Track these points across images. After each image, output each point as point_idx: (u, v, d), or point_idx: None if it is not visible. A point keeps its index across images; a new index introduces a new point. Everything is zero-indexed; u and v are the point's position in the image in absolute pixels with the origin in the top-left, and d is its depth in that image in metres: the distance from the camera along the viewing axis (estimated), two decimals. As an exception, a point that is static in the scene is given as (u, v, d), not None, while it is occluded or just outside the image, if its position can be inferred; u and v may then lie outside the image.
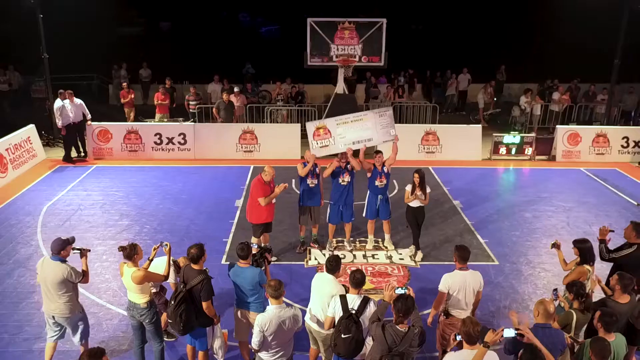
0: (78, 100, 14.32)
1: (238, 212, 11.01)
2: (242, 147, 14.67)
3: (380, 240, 9.74)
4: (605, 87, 17.60)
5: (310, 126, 9.45)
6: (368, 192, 9.32)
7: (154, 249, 6.00)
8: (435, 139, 14.83)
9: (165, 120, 16.00)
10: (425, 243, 9.66)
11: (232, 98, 16.35)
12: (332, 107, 14.40)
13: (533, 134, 14.95)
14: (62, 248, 5.96)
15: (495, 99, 19.04)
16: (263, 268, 6.14)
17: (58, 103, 13.88)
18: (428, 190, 8.94)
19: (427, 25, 47.63)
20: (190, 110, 16.63)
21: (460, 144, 14.86)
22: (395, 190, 12.21)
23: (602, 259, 6.66)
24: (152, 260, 5.99)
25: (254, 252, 6.16)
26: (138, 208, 11.25)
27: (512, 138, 14.87)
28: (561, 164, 14.72)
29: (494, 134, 14.97)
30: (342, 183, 9.02)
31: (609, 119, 16.91)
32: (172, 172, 13.53)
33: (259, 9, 54.99)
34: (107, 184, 12.68)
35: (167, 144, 14.60)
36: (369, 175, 9.20)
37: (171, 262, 6.19)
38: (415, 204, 8.91)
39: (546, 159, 15.01)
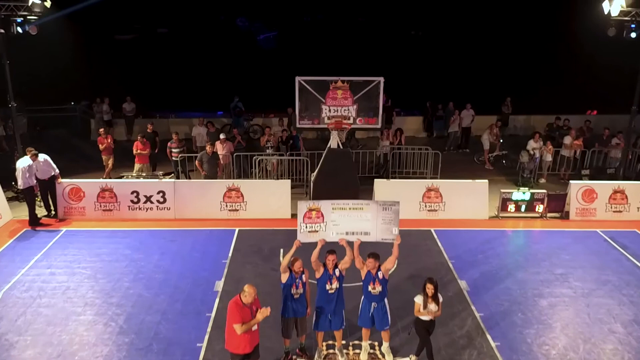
0: (42, 157, 13.06)
1: (217, 301, 9.77)
2: (226, 206, 13.43)
3: (376, 344, 8.50)
4: (621, 131, 16.41)
5: (302, 206, 8.21)
6: (362, 296, 8.08)
7: None
8: (437, 196, 13.59)
9: (144, 173, 14.75)
10: (428, 350, 8.41)
11: (218, 146, 15.16)
12: (325, 163, 13.17)
13: (544, 191, 13.70)
14: None
15: (501, 140, 17.79)
16: None
17: (24, 162, 12.63)
18: (441, 299, 7.73)
19: (427, 31, 46.51)
20: (173, 158, 15.41)
21: (465, 201, 13.62)
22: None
23: None
24: None
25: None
26: (105, 294, 10.00)
27: (521, 195, 13.63)
28: (575, 224, 13.48)
29: (502, 190, 13.73)
30: (329, 291, 7.77)
31: (626, 166, 15.69)
32: (149, 239, 12.29)
33: (257, 13, 53.89)
34: (74, 256, 11.43)
35: (145, 202, 13.37)
36: (362, 275, 7.97)
37: None
38: (428, 317, 7.69)
39: (559, 216, 13.79)
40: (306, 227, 8.01)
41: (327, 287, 7.74)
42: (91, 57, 33.10)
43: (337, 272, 7.75)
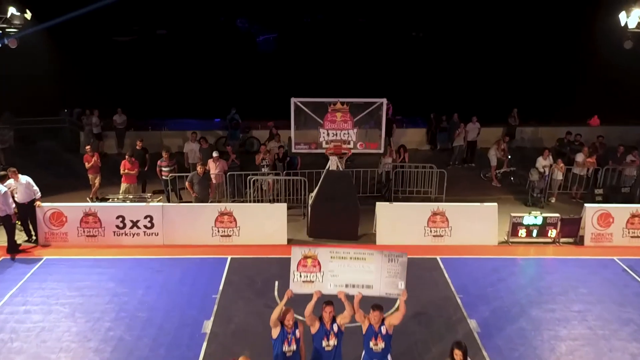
0: (24, 179, 12.24)
1: (204, 345, 8.93)
2: (218, 231, 12.59)
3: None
4: (636, 147, 15.56)
5: (297, 252, 7.35)
6: (363, 352, 7.24)
7: None
8: (443, 220, 12.74)
9: (131, 194, 13.92)
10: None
11: (210, 164, 14.34)
12: (324, 186, 12.32)
13: (557, 215, 12.84)
14: None
15: (509, 156, 16.93)
16: None
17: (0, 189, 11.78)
18: None
19: (428, 33, 45.58)
20: (163, 177, 14.56)
21: (473, 225, 12.76)
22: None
23: None
24: None
25: None
26: (83, 337, 9.16)
27: (533, 219, 12.78)
28: (591, 250, 12.63)
29: (512, 214, 12.87)
30: (326, 348, 6.92)
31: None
32: (134, 270, 11.45)
33: (257, 14, 53.12)
34: (52, 290, 10.59)
35: (132, 227, 12.53)
36: (363, 329, 7.13)
37: None
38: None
39: (573, 242, 12.94)
40: (300, 276, 7.16)
41: (324, 343, 6.90)
42: (88, 60, 32.45)
43: (335, 327, 6.91)
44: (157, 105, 26.03)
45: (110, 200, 13.28)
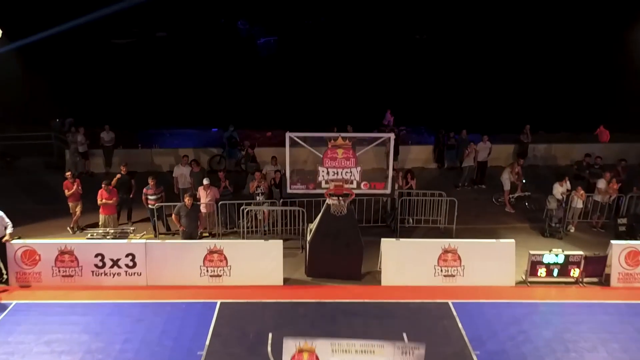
0: (-5, 213, 11.14)
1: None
2: (207, 271, 11.42)
3: None
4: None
5: (290, 345, 6.17)
6: None
7: None
8: (455, 259, 11.56)
9: (112, 226, 12.77)
10: None
11: (201, 192, 13.20)
12: (323, 222, 11.11)
13: (581, 253, 11.66)
14: None
15: (524, 180, 15.74)
16: None
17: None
18: None
19: (432, 36, 44.28)
20: (149, 206, 13.39)
21: (488, 264, 11.58)
22: None
23: None
24: None
25: None
26: (47, 408, 8.02)
27: (553, 257, 11.60)
28: (618, 293, 11.45)
29: (531, 252, 11.69)
30: None
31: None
32: (113, 318, 10.29)
33: (258, 15, 52.06)
34: (19, 345, 9.45)
35: (112, 267, 11.36)
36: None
37: None
38: None
39: (597, 281, 11.77)
40: (294, 378, 5.97)
41: None
42: (85, 65, 31.32)
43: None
44: (153, 113, 25.13)
45: (89, 236, 12.09)
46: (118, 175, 13.94)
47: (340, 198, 9.93)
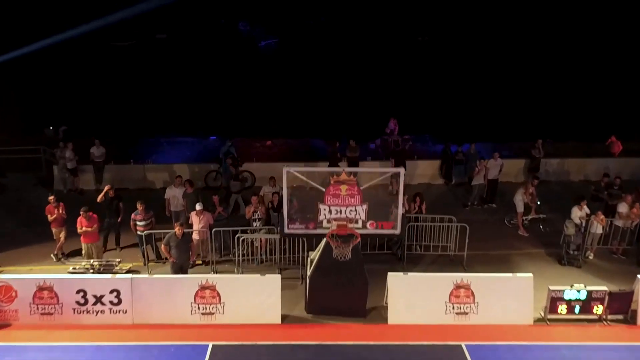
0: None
1: None
2: (199, 308, 10.51)
3: None
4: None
5: None
6: None
7: None
8: (468, 295, 10.64)
9: (95, 256, 11.87)
10: None
11: (193, 218, 12.31)
12: (324, 256, 10.13)
13: (605, 289, 10.73)
14: None
15: (538, 202, 14.80)
16: None
17: None
18: None
19: (434, 38, 43.30)
20: (138, 232, 12.48)
21: (504, 301, 10.66)
22: None
23: None
24: None
25: None
26: None
27: (575, 293, 10.68)
28: (646, 332, 10.53)
29: (551, 287, 10.76)
30: None
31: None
32: (93, 363, 9.40)
33: (258, 16, 51.27)
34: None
35: (95, 304, 10.46)
36: None
37: None
38: None
39: (623, 319, 10.84)
40: None
41: None
42: (81, 70, 30.46)
43: None
44: (151, 121, 24.45)
45: (71, 269, 11.19)
46: (106, 188, 13.02)
47: (344, 243, 8.93)
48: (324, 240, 10.23)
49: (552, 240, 14.03)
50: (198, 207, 12.29)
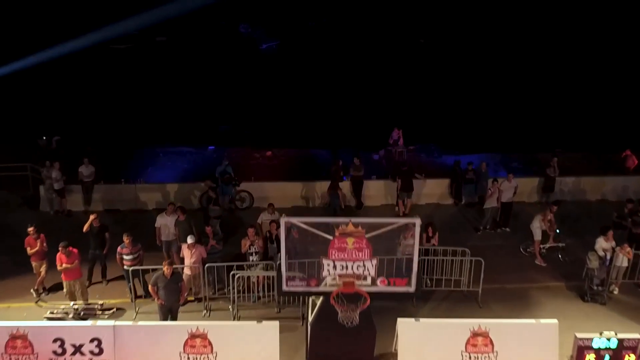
0: None
1: None
2: (188, 358, 9.49)
3: None
4: None
5: None
6: None
7: None
8: (487, 344, 9.62)
9: (78, 295, 10.88)
10: None
11: (185, 252, 11.34)
12: (328, 302, 9.06)
13: (637, 336, 9.70)
14: None
15: (558, 230, 13.78)
16: None
17: None
18: None
19: (434, 40, 42.33)
20: (125, 267, 11.49)
21: (526, 350, 9.64)
22: None
23: None
24: None
25: None
26: None
27: (605, 342, 9.64)
28: (683, 385, 9.50)
29: (577, 335, 9.72)
30: None
31: None
32: None
33: (259, 18, 50.48)
34: None
35: (74, 354, 9.44)
36: None
37: None
38: None
39: (656, 370, 9.81)
40: None
41: None
42: (83, 72, 29.60)
43: None
44: (146, 128, 23.50)
45: (48, 314, 10.19)
46: (91, 218, 12.00)
47: (351, 304, 7.85)
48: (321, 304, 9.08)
49: (572, 270, 13.06)
50: (190, 240, 11.29)
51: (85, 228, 11.89)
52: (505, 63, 30.39)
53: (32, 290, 11.86)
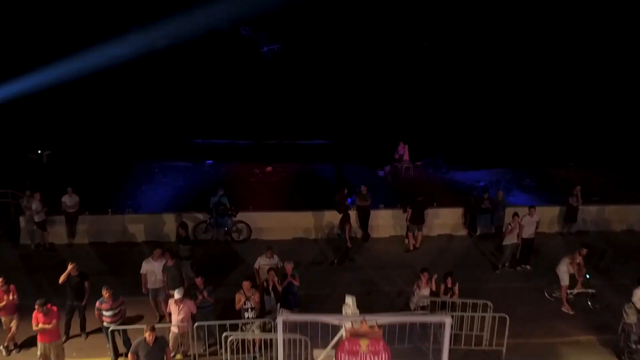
0: None
1: None
2: None
3: None
4: None
5: None
6: None
7: None
8: None
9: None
10: None
11: (172, 307, 10.05)
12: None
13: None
14: None
15: (587, 275, 12.45)
16: None
17: None
18: None
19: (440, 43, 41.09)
20: (104, 324, 10.19)
21: None
22: None
23: None
24: None
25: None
26: None
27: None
28: None
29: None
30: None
31: None
32: None
33: (260, 20, 49.50)
34: None
35: None
36: None
37: None
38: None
39: None
40: None
41: None
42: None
43: None
44: (141, 142, 22.97)
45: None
46: (69, 267, 10.69)
47: None
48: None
49: (603, 321, 11.75)
50: (177, 295, 9.98)
51: (62, 279, 10.59)
52: (516, 75, 29.04)
53: (1, 347, 10.59)
